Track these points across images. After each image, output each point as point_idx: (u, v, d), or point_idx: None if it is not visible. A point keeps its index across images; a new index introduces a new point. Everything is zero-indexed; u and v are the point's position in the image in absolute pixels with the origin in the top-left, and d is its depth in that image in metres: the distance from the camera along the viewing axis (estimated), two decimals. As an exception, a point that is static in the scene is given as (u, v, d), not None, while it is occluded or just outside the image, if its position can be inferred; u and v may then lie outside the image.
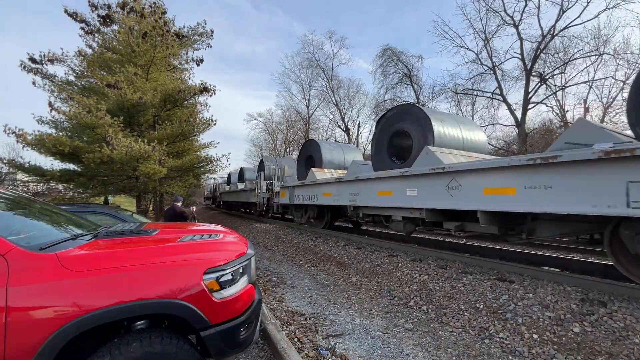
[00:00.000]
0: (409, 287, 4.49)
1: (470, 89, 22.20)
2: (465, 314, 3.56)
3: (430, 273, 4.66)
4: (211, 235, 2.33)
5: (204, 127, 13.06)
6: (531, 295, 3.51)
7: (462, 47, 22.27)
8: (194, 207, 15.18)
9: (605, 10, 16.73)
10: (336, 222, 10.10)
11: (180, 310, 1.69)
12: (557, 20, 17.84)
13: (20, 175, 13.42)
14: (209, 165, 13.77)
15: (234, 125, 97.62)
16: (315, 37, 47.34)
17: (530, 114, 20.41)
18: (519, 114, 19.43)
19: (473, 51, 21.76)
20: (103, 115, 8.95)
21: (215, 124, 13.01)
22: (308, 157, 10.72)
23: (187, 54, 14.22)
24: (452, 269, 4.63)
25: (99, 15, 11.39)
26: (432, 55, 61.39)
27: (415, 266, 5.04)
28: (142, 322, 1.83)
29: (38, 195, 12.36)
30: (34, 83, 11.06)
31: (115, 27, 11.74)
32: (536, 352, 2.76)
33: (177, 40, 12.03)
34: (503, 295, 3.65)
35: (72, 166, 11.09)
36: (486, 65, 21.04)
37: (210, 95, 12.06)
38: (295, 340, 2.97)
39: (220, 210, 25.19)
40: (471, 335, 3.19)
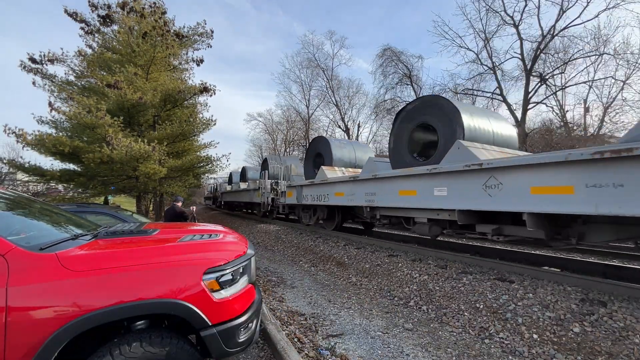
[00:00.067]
0: (409, 287, 4.49)
1: (470, 89, 22.19)
2: (465, 314, 3.56)
3: (430, 273, 4.66)
4: (211, 235, 2.33)
5: (204, 127, 13.05)
6: (531, 295, 3.51)
7: (462, 47, 22.29)
8: (194, 207, 15.18)
9: (605, 10, 16.76)
10: (344, 224, 9.52)
11: (180, 310, 1.69)
12: (557, 20, 17.86)
13: (20, 175, 13.43)
14: (209, 165, 13.77)
15: (234, 125, 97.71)
16: (315, 37, 47.34)
17: (530, 114, 20.44)
18: (519, 114, 19.43)
19: (473, 51, 21.79)
20: (103, 115, 8.94)
21: (215, 124, 13.01)
22: (316, 155, 10.25)
23: (187, 54, 14.22)
24: (452, 269, 4.63)
25: (99, 15, 11.38)
26: (432, 55, 61.52)
27: (415, 266, 5.04)
28: (142, 322, 1.83)
29: (38, 195, 12.37)
30: (34, 83, 11.06)
31: (115, 27, 11.74)
32: (536, 352, 2.76)
33: (177, 40, 12.03)
34: (503, 295, 3.65)
35: (72, 166, 11.09)
36: (486, 65, 21.07)
37: (210, 95, 12.06)
38: (295, 340, 2.97)
39: (221, 211, 25.00)
40: (471, 335, 3.19)
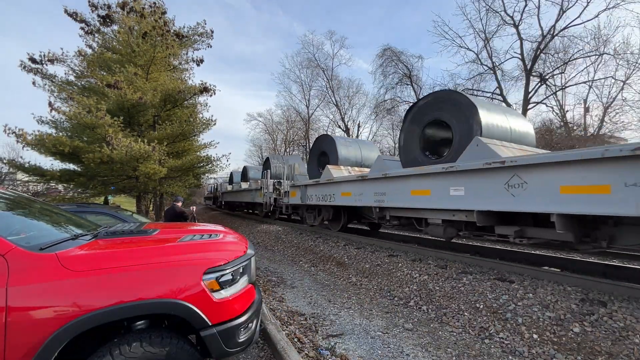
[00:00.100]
0: (409, 287, 4.49)
1: (470, 89, 22.16)
2: (465, 314, 3.56)
3: (430, 273, 4.66)
4: (211, 235, 2.33)
5: (204, 127, 13.04)
6: (531, 295, 3.51)
7: (462, 47, 22.29)
8: (194, 207, 15.18)
9: (605, 10, 16.75)
10: (349, 224, 9.22)
11: (180, 310, 1.69)
12: (557, 20, 17.86)
13: (20, 175, 13.43)
14: (209, 165, 13.75)
15: (234, 125, 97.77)
16: (315, 37, 47.31)
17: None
18: (519, 114, 19.39)
19: (473, 51, 21.79)
20: (103, 115, 8.94)
21: (215, 124, 13.00)
22: (321, 154, 9.99)
23: (187, 54, 14.20)
24: (452, 269, 4.63)
25: (99, 15, 11.37)
26: (432, 55, 61.60)
27: (415, 266, 5.04)
28: (142, 322, 1.83)
29: (38, 195, 12.37)
30: (34, 83, 11.05)
31: (115, 27, 11.72)
32: (536, 352, 2.76)
33: (177, 40, 12.02)
34: (503, 295, 3.65)
35: (72, 166, 11.08)
36: (486, 65, 21.08)
37: (210, 95, 12.05)
38: (295, 340, 2.97)
39: (221, 211, 24.89)
40: (471, 335, 3.19)
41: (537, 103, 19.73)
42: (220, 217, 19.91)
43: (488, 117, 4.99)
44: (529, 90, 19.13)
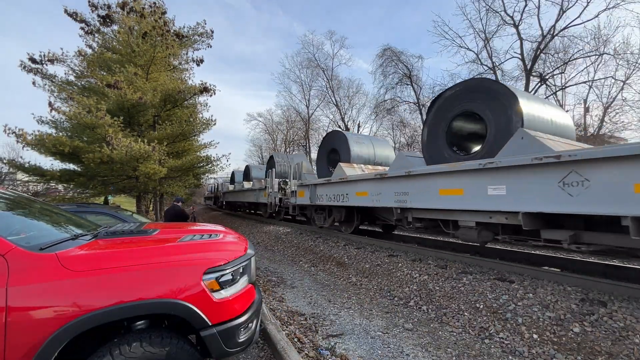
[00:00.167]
0: (409, 287, 4.49)
1: (470, 89, 22.15)
2: (465, 314, 3.56)
3: (430, 273, 4.66)
4: (211, 235, 2.33)
5: (204, 127, 13.05)
6: (531, 295, 3.51)
7: (462, 47, 22.26)
8: (194, 207, 15.17)
9: (605, 10, 16.73)
10: (360, 226, 8.65)
11: (180, 310, 1.70)
12: (557, 20, 17.85)
13: (20, 175, 13.41)
14: (209, 166, 13.75)
15: (234, 125, 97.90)
16: (315, 37, 47.26)
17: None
18: (519, 114, 19.39)
19: (473, 51, 21.77)
20: (103, 115, 8.94)
21: (215, 124, 13.00)
22: (331, 151, 9.50)
23: (187, 54, 14.20)
24: (452, 269, 4.63)
25: (99, 15, 11.37)
26: (432, 55, 61.42)
27: (415, 266, 5.04)
28: (142, 322, 1.83)
29: (38, 195, 12.37)
30: (34, 83, 11.05)
31: (115, 27, 11.72)
32: (536, 352, 2.77)
33: (177, 40, 12.02)
34: (503, 295, 3.65)
35: (72, 166, 11.08)
36: (486, 65, 21.05)
37: (210, 95, 12.05)
38: (295, 340, 2.98)
39: (223, 211, 24.56)
40: (471, 335, 3.19)
41: (537, 103, 19.70)
42: (221, 218, 19.87)
43: (529, 107, 4.48)
44: (529, 90, 19.13)
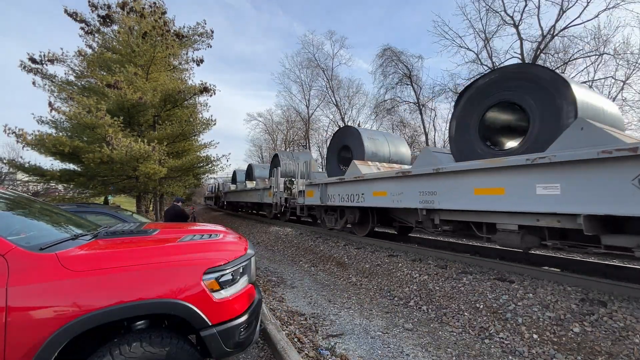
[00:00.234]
0: (409, 287, 4.49)
1: (470, 89, 22.15)
2: (465, 314, 3.56)
3: (430, 273, 4.67)
4: (211, 235, 2.33)
5: (204, 127, 13.04)
6: (531, 295, 3.51)
7: (462, 47, 22.33)
8: (195, 207, 15.16)
9: (605, 10, 16.75)
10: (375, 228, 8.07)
11: (180, 310, 1.70)
12: (557, 20, 17.88)
13: (20, 175, 13.40)
14: (209, 166, 13.74)
15: (234, 125, 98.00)
16: (315, 37, 47.47)
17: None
18: (519, 114, 19.39)
19: (473, 51, 21.82)
20: (103, 115, 8.93)
21: (215, 124, 13.00)
22: (342, 148, 9.01)
23: (187, 54, 14.20)
24: (452, 269, 4.63)
25: (99, 15, 11.37)
26: (432, 55, 61.36)
27: (415, 266, 5.04)
28: (142, 322, 1.83)
29: (38, 195, 12.37)
30: (34, 83, 11.05)
31: (115, 27, 11.72)
32: (536, 352, 2.77)
33: (177, 40, 12.02)
34: (503, 295, 3.65)
35: (72, 166, 11.07)
36: (486, 65, 21.05)
37: (210, 95, 12.04)
38: (295, 340, 2.98)
39: (224, 211, 24.28)
40: (471, 335, 3.19)
41: (537, 103, 19.69)
42: (222, 218, 19.84)
43: (582, 94, 3.96)
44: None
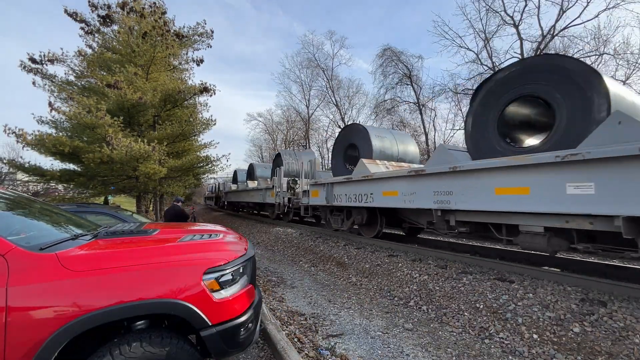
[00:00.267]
0: (409, 287, 4.49)
1: (471, 89, 22.18)
2: (465, 314, 3.56)
3: (430, 273, 4.66)
4: (211, 235, 2.33)
5: (204, 127, 13.05)
6: (531, 295, 3.51)
7: (462, 47, 22.31)
8: (195, 207, 15.16)
9: (605, 10, 16.75)
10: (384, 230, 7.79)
11: (180, 310, 1.70)
12: (557, 20, 17.89)
13: (20, 175, 13.41)
14: (209, 166, 13.74)
15: (234, 125, 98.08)
16: (315, 37, 47.34)
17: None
18: (519, 114, 19.38)
19: (473, 51, 21.81)
20: (103, 115, 8.94)
21: (215, 124, 13.01)
22: (349, 147, 8.78)
23: (187, 54, 14.20)
24: (452, 269, 4.63)
25: (99, 15, 11.38)
26: (432, 55, 61.31)
27: (415, 266, 5.04)
28: (142, 322, 1.83)
29: (38, 195, 12.37)
30: (34, 83, 11.05)
31: (115, 27, 11.73)
32: (536, 352, 2.77)
33: (177, 40, 12.02)
34: (503, 295, 3.65)
35: (72, 166, 11.08)
36: (486, 65, 21.06)
37: (210, 95, 12.04)
38: (295, 340, 2.98)
39: (225, 212, 24.13)
40: (471, 335, 3.19)
41: (537, 103, 19.69)
42: (222, 219, 19.81)
43: (615, 86, 3.73)
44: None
